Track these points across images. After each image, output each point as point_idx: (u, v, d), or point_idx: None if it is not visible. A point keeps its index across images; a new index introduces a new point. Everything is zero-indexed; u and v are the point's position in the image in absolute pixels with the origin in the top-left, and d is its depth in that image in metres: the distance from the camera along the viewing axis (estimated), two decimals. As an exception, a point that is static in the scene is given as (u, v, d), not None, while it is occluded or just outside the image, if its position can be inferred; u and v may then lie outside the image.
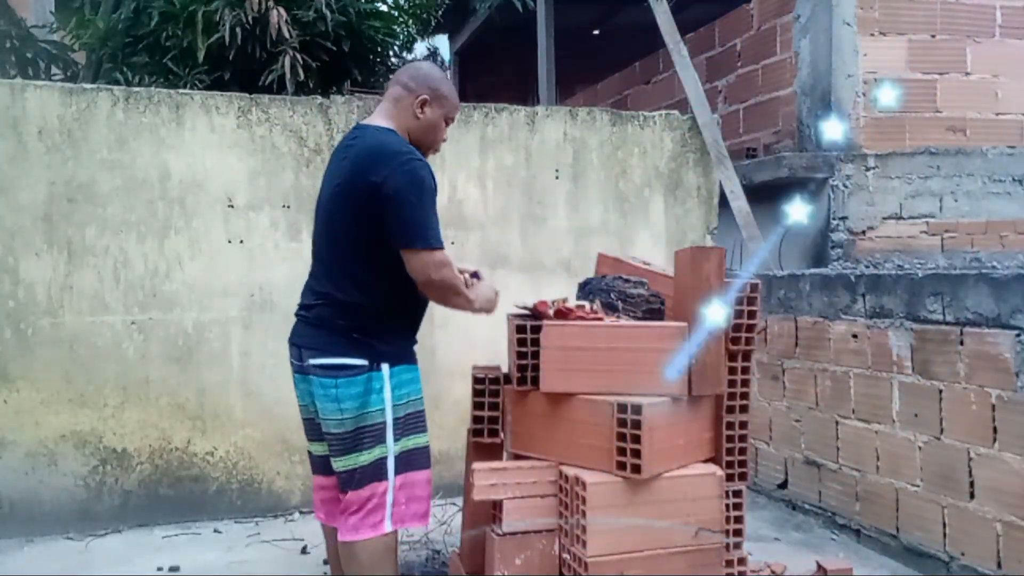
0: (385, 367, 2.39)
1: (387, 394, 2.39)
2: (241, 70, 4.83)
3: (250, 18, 4.58)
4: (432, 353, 4.19)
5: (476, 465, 2.44)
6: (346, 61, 5.16)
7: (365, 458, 2.38)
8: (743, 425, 2.58)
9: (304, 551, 3.54)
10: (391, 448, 2.40)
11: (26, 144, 3.74)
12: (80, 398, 3.81)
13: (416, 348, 2.57)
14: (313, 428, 2.54)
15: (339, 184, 2.41)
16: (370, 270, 2.38)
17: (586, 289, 2.82)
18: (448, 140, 4.28)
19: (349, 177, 2.37)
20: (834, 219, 5.47)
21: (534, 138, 4.45)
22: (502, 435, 2.64)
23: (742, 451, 2.58)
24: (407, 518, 2.45)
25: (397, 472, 2.41)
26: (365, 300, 2.38)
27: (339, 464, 2.43)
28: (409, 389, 2.46)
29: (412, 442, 2.47)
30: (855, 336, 3.64)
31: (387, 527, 2.40)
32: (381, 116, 2.49)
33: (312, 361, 2.40)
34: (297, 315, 2.54)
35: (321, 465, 2.60)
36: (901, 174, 5.56)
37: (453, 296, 2.45)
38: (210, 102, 3.98)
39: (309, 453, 2.70)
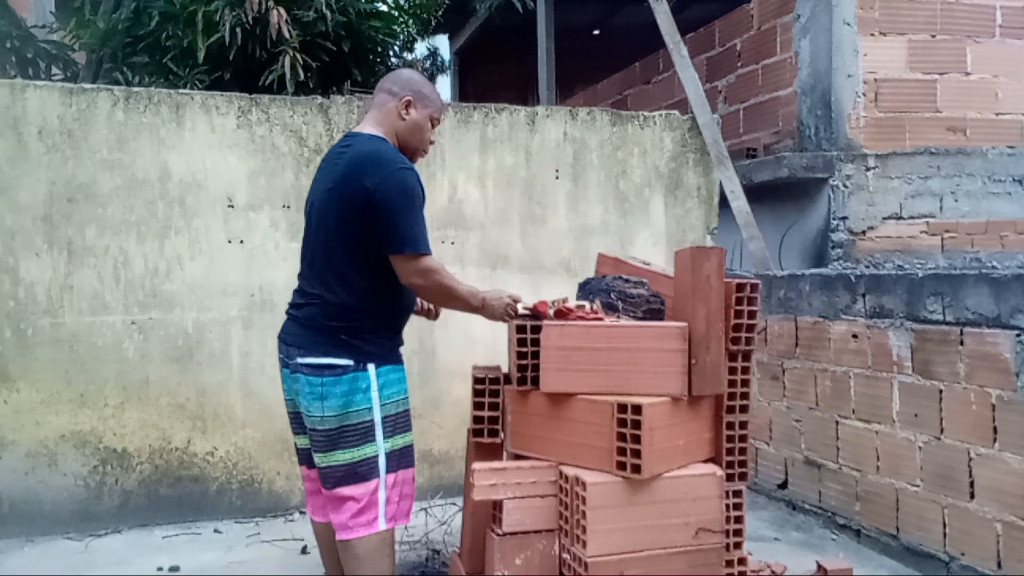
0: (371, 367, 2.46)
1: (374, 394, 2.45)
2: (241, 70, 4.83)
3: (250, 18, 4.58)
4: (432, 353, 4.19)
5: (476, 465, 2.44)
6: (346, 61, 5.16)
7: (347, 456, 2.44)
8: (743, 425, 2.58)
9: (304, 551, 3.55)
10: (382, 446, 2.46)
11: (26, 144, 3.74)
12: (80, 398, 3.81)
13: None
14: (298, 422, 2.61)
15: (331, 189, 2.47)
16: (359, 272, 2.45)
17: (586, 289, 2.82)
18: (448, 140, 4.29)
19: (341, 183, 2.44)
20: (834, 219, 5.47)
21: (534, 138, 4.45)
22: (502, 435, 2.64)
23: (742, 451, 2.58)
24: (399, 516, 2.52)
25: (389, 470, 2.48)
26: (353, 301, 2.45)
27: (319, 460, 2.50)
28: (396, 389, 2.53)
29: (401, 440, 2.53)
30: (855, 336, 3.64)
31: (381, 525, 2.46)
32: (370, 124, 2.58)
33: (300, 360, 2.47)
34: (288, 314, 2.60)
35: (306, 457, 2.67)
36: (901, 174, 5.56)
37: (447, 298, 2.56)
38: (210, 102, 3.98)
39: (295, 445, 2.77)
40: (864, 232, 5.51)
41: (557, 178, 4.47)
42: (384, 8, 5.62)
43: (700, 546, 2.38)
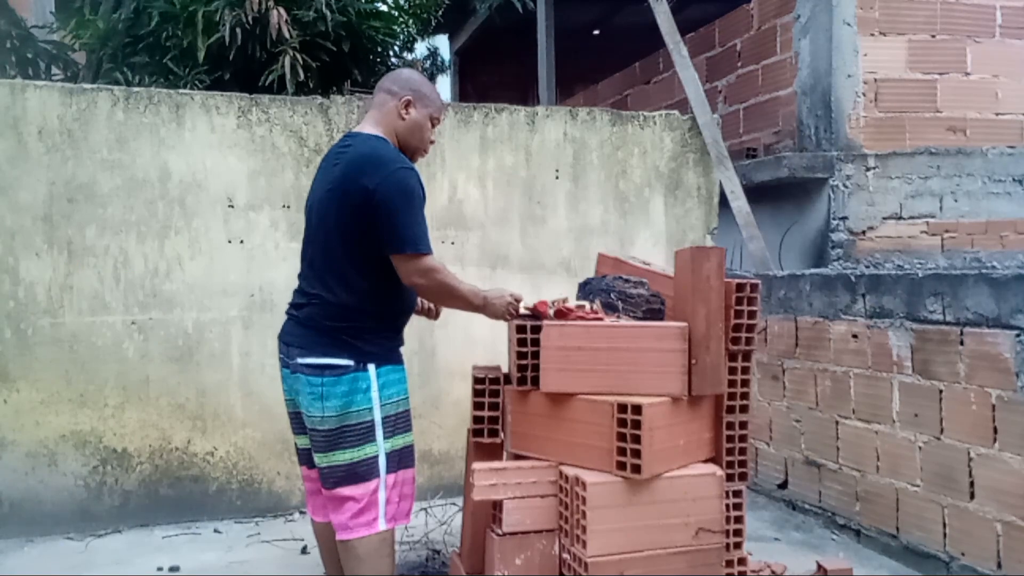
0: (371, 367, 2.46)
1: (375, 394, 2.45)
2: (241, 70, 4.83)
3: (250, 18, 4.58)
4: (432, 353, 4.19)
5: (476, 465, 2.44)
6: (346, 61, 5.16)
7: (347, 456, 2.44)
8: (743, 425, 2.58)
9: (304, 551, 3.55)
10: (382, 446, 2.46)
11: (26, 144, 3.74)
12: (80, 398, 3.81)
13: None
14: (298, 422, 2.61)
15: (331, 189, 2.47)
16: (359, 272, 2.44)
17: (586, 289, 2.82)
18: (448, 140, 4.29)
19: (341, 183, 2.43)
20: (834, 219, 5.48)
21: (534, 138, 4.45)
22: (502, 435, 2.64)
23: (742, 451, 2.58)
24: (400, 516, 2.52)
25: (389, 470, 2.48)
26: (353, 301, 2.44)
27: (319, 460, 2.50)
28: (396, 389, 2.52)
29: (401, 440, 2.53)
30: (855, 336, 3.64)
31: (381, 525, 2.46)
32: (370, 124, 2.58)
33: (300, 360, 2.46)
34: (288, 314, 2.60)
35: (306, 457, 2.66)
36: (901, 174, 5.56)
37: (448, 297, 2.55)
38: (210, 102, 3.98)
39: (295, 445, 2.76)
40: (864, 232, 5.51)
41: (557, 178, 4.47)
42: (384, 8, 5.62)
43: (700, 546, 2.38)
